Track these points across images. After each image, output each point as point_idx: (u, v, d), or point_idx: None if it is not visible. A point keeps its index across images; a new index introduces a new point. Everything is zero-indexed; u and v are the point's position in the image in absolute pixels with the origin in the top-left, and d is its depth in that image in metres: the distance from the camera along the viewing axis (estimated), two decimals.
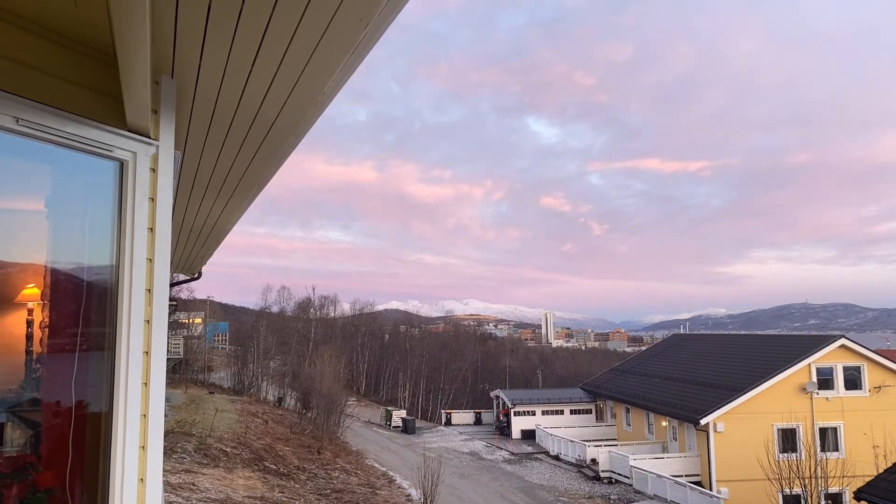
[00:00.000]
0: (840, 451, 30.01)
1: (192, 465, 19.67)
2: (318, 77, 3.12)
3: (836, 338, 32.37)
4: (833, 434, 30.96)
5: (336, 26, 2.63)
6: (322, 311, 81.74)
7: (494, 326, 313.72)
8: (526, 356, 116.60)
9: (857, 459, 27.10)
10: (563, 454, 37.21)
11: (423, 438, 44.07)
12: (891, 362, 32.55)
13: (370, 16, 2.58)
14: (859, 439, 29.67)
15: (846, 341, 32.06)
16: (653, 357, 46.33)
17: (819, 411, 30.81)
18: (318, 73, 3.08)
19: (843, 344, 31.79)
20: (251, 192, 5.54)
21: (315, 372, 39.23)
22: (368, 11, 2.55)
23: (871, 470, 21.80)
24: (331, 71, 3.05)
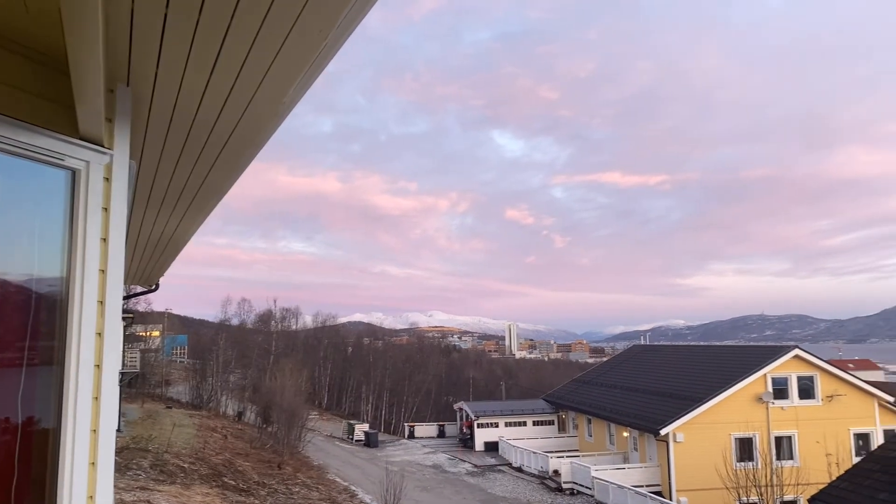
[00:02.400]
0: (795, 459, 30.68)
1: (148, 481, 19.17)
2: (278, 87, 3.11)
3: (791, 348, 33.16)
4: (788, 443, 31.65)
5: (295, 37, 2.63)
6: (283, 324, 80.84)
7: (459, 338, 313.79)
8: (490, 368, 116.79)
9: (810, 467, 27.74)
10: (526, 466, 37.30)
11: (385, 452, 43.73)
12: (842, 372, 33.49)
13: (330, 27, 2.59)
14: (813, 447, 30.37)
15: (800, 352, 32.87)
16: (614, 368, 46.84)
17: (774, 420, 31.49)
18: (277, 84, 3.07)
19: (797, 354, 32.58)
20: (210, 203, 5.47)
21: (276, 385, 38.67)
22: (328, 23, 2.55)
23: (825, 477, 22.32)
24: (290, 81, 3.05)
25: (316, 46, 2.71)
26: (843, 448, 28.97)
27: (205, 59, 2.81)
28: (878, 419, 32.45)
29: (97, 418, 2.93)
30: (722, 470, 25.53)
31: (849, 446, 30.87)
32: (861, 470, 19.85)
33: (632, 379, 40.94)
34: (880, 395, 32.99)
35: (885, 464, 18.92)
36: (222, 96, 3.20)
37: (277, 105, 3.31)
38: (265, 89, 3.11)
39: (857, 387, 32.84)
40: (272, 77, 2.99)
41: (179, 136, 3.75)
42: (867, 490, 18.53)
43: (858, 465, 20.59)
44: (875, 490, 18.30)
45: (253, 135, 3.75)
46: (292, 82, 3.05)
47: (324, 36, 2.63)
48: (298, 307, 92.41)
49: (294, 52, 2.74)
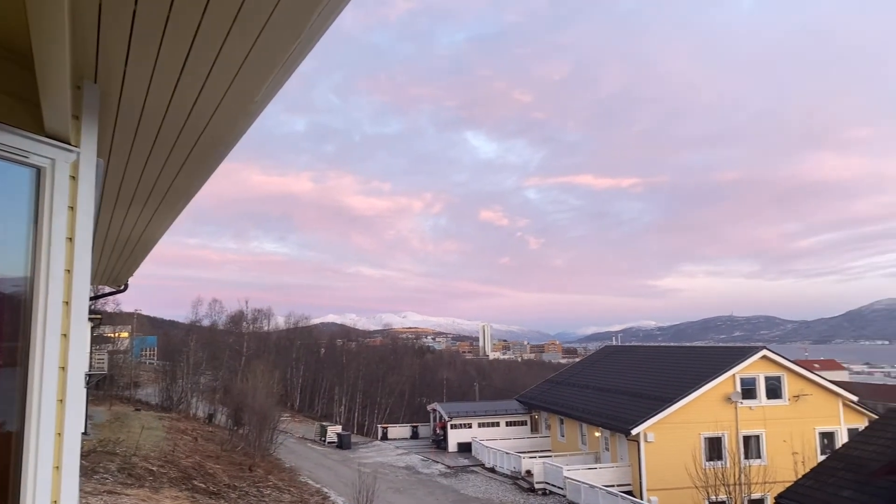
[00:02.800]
0: (762, 458, 31.20)
1: (115, 485, 18.84)
2: (250, 86, 3.08)
3: (759, 349, 33.73)
4: (756, 442, 32.18)
5: (268, 36, 2.60)
6: (255, 325, 79.94)
7: (433, 339, 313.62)
8: (464, 369, 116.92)
9: (777, 466, 28.24)
10: (499, 466, 37.40)
11: (358, 454, 43.53)
12: (808, 372, 34.16)
13: (303, 26, 2.56)
14: (780, 446, 30.93)
15: (768, 352, 33.45)
16: (586, 369, 47.21)
17: (743, 420, 32.00)
18: (249, 82, 3.04)
19: (765, 355, 33.15)
20: (180, 202, 5.39)
21: (247, 387, 38.26)
22: (301, 22, 2.53)
23: (791, 476, 22.73)
24: (263, 80, 3.02)
25: (289, 45, 2.68)
26: (808, 447, 29.53)
27: (175, 56, 2.77)
28: (842, 418, 33.16)
29: (62, 421, 2.87)
30: (692, 469, 25.88)
31: (814, 445, 31.50)
32: (826, 468, 20.26)
33: (604, 379, 41.30)
34: (844, 394, 33.72)
35: (849, 462, 19.34)
36: (193, 94, 3.16)
37: (249, 104, 3.28)
38: (237, 88, 3.07)
39: (823, 387, 33.53)
40: (244, 75, 2.96)
41: (149, 135, 3.69)
42: (832, 488, 18.91)
43: (823, 464, 21.01)
44: (839, 488, 18.69)
45: (224, 134, 3.70)
46: (265, 81, 3.02)
47: (297, 34, 2.60)
48: (271, 308, 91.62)
49: (266, 51, 2.72)
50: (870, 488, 17.67)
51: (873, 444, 19.24)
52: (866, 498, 17.58)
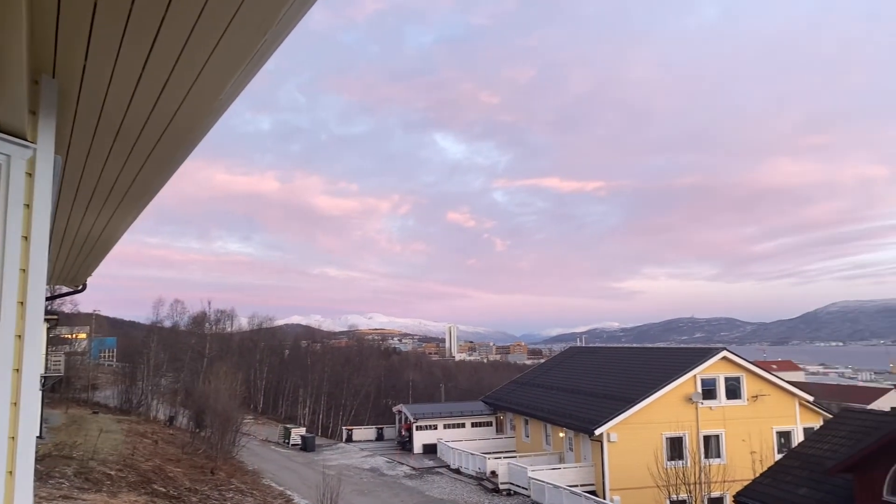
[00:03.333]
0: (722, 457, 31.80)
1: (72, 490, 18.37)
2: (215, 83, 3.03)
3: (719, 350, 34.39)
4: (716, 441, 32.79)
5: (233, 33, 2.56)
6: (218, 326, 78.83)
7: (399, 341, 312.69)
8: (430, 370, 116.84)
9: (736, 465, 28.82)
10: (464, 467, 37.46)
11: (323, 456, 43.18)
12: (766, 373, 34.94)
13: (269, 23, 2.54)
14: (739, 446, 31.55)
15: (728, 354, 34.11)
16: (550, 369, 47.58)
17: (703, 420, 32.57)
18: (214, 79, 2.99)
19: (724, 356, 33.79)
20: (142, 200, 5.29)
21: (210, 389, 37.68)
22: (268, 19, 2.51)
23: (749, 474, 23.22)
24: (227, 78, 2.98)
25: (255, 42, 2.65)
26: (766, 446, 30.15)
27: (137, 51, 2.72)
28: (798, 418, 33.99)
29: (16, 425, 2.79)
30: (653, 468, 26.23)
31: (772, 444, 32.21)
32: (782, 466, 20.76)
33: (568, 380, 41.68)
34: (801, 394, 34.58)
35: (805, 460, 19.84)
36: (156, 91, 3.10)
37: (214, 101, 3.23)
38: (201, 85, 3.03)
39: (780, 387, 34.32)
40: (208, 72, 2.91)
41: (109, 131, 3.61)
42: (788, 485, 19.38)
43: (780, 462, 21.53)
44: (795, 486, 19.15)
45: (188, 131, 3.64)
46: (230, 78, 2.98)
47: (263, 32, 2.57)
48: (234, 309, 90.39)
49: (232, 48, 2.68)
50: (825, 486, 18.16)
51: (828, 442, 19.77)
52: (821, 495, 18.05)
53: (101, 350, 78.81)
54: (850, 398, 68.79)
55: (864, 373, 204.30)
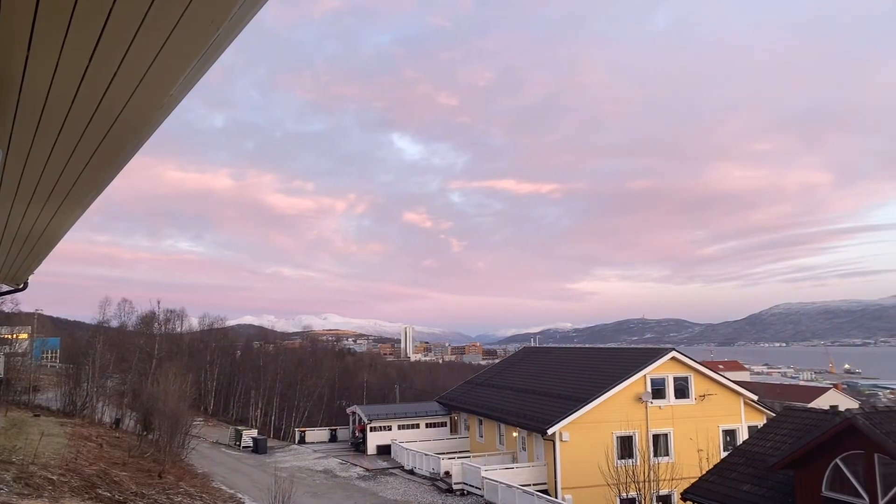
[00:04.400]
0: (670, 455, 32.49)
1: (11, 496, 17.71)
2: (165, 78, 2.97)
3: (668, 351, 35.16)
4: (664, 440, 33.51)
5: (184, 28, 2.52)
6: (168, 326, 77.01)
7: (353, 341, 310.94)
8: (384, 371, 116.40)
9: (684, 462, 29.47)
10: (418, 468, 37.44)
11: (275, 458, 42.60)
12: (713, 373, 35.89)
13: (222, 18, 2.50)
14: (686, 444, 32.29)
15: (676, 354, 34.91)
16: (505, 370, 47.93)
17: (653, 419, 33.26)
18: (164, 74, 2.93)
19: (673, 356, 34.58)
20: (88, 197, 5.14)
21: (158, 391, 36.78)
22: (221, 14, 2.47)
23: (696, 472, 23.79)
24: (179, 72, 2.92)
25: (207, 38, 2.61)
26: (712, 444, 30.95)
27: (84, 42, 2.64)
28: (743, 416, 35.00)
29: None
30: (604, 467, 26.66)
31: (718, 442, 33.12)
32: (728, 464, 21.36)
33: (522, 380, 42.04)
34: (746, 393, 35.62)
35: (749, 457, 20.44)
36: (103, 84, 3.02)
37: (164, 96, 3.17)
38: (151, 79, 2.96)
39: (726, 386, 35.28)
40: (159, 66, 2.85)
41: (54, 124, 3.51)
42: (732, 482, 19.94)
43: (726, 460, 22.14)
44: (739, 482, 19.72)
45: (137, 127, 3.56)
46: (181, 73, 2.92)
47: (216, 27, 2.54)
48: (184, 309, 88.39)
49: (183, 42, 2.63)
50: (767, 482, 18.75)
51: (771, 440, 20.42)
52: (763, 490, 18.64)
53: (43, 351, 76.19)
54: (792, 397, 71.20)
55: (805, 372, 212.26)
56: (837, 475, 16.48)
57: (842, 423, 16.12)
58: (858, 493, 15.84)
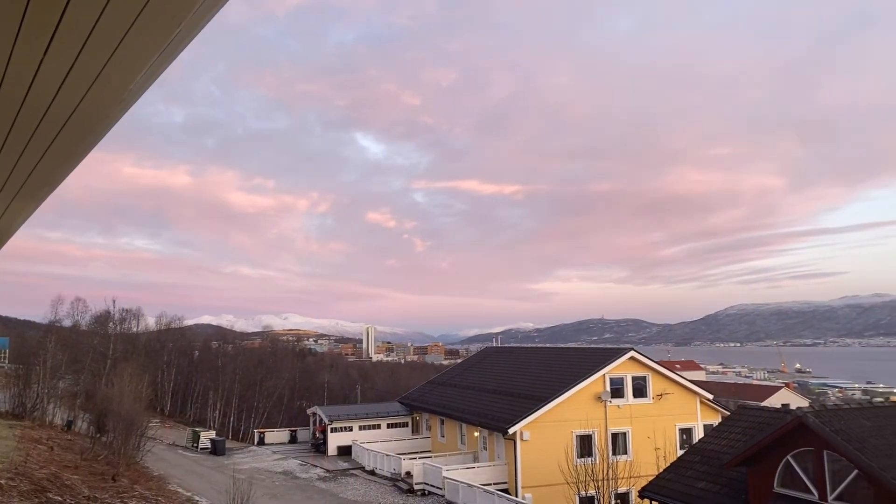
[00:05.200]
0: (628, 453, 33.01)
1: None
2: (124, 73, 2.91)
3: (627, 351, 35.71)
4: (623, 438, 34.01)
5: (145, 22, 2.47)
6: (123, 326, 75.14)
7: (314, 342, 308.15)
8: (346, 371, 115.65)
9: (642, 461, 29.97)
10: (379, 469, 37.30)
11: (233, 459, 41.97)
12: (670, 372, 36.57)
13: (185, 13, 2.45)
14: (644, 442, 32.85)
15: (635, 354, 35.48)
16: (467, 370, 48.07)
17: (612, 418, 33.73)
18: (123, 69, 2.86)
19: (632, 356, 35.13)
20: (41, 193, 5.00)
21: (113, 392, 35.92)
22: (184, 8, 2.42)
23: (654, 470, 24.20)
24: (138, 68, 2.86)
25: (169, 32, 2.56)
26: (669, 442, 31.52)
27: (39, 33, 2.57)
28: (699, 415, 35.76)
29: None
30: (564, 466, 26.93)
31: (675, 440, 33.73)
32: (684, 462, 21.78)
33: (484, 380, 42.22)
34: (702, 392, 36.39)
35: (704, 455, 20.88)
36: (59, 77, 2.94)
37: (123, 92, 3.10)
38: (109, 73, 2.89)
39: (683, 386, 36.00)
40: (118, 61, 2.78)
41: (6, 118, 3.40)
42: (688, 479, 20.34)
43: (682, 458, 22.57)
44: (695, 479, 20.13)
45: (94, 122, 3.47)
46: (141, 68, 2.86)
47: (178, 21, 2.49)
48: (141, 308, 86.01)
49: (144, 36, 2.58)
50: (722, 479, 19.17)
51: (725, 438, 20.89)
52: (718, 487, 19.06)
53: None
54: (746, 396, 72.92)
55: (759, 372, 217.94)
56: (789, 472, 16.95)
57: (793, 422, 16.57)
58: (808, 489, 16.32)
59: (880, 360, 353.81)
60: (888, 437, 15.83)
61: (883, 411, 17.59)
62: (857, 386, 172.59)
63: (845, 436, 15.44)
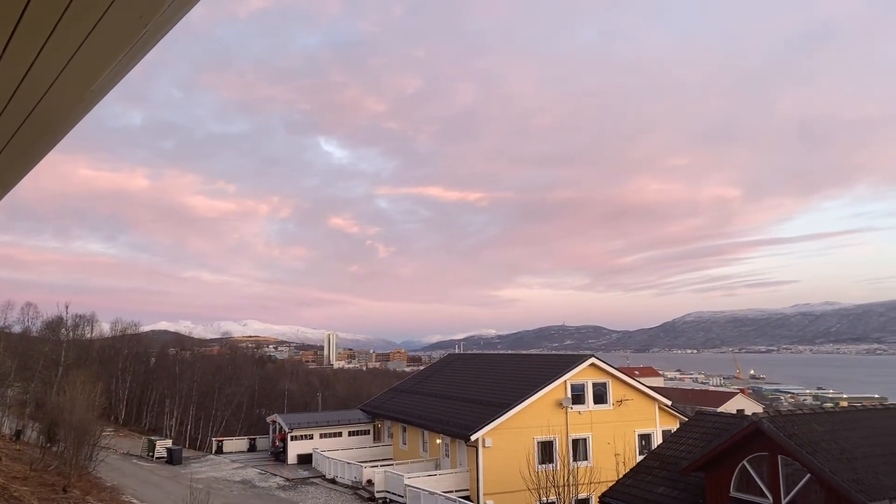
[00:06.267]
0: (589, 459, 33.30)
1: None
2: (87, 73, 2.83)
3: (588, 357, 36.08)
4: (583, 444, 34.32)
5: (110, 21, 2.40)
6: (76, 332, 73.08)
7: (275, 348, 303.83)
8: (307, 379, 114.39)
9: (602, 466, 30.27)
10: (340, 477, 36.94)
11: (190, 469, 41.10)
12: (630, 379, 37.07)
13: (151, 15, 2.40)
14: (604, 448, 33.18)
15: (596, 360, 35.87)
16: (429, 376, 47.99)
17: (572, 424, 34.03)
18: (86, 69, 2.79)
19: (593, 363, 35.51)
20: None
21: (64, 400, 34.86)
22: (150, 10, 2.37)
23: (613, 476, 24.47)
24: (101, 68, 2.78)
25: (135, 33, 2.50)
26: (629, 448, 31.89)
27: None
28: (658, 421, 36.30)
29: None
30: (525, 472, 27.05)
31: (634, 446, 34.13)
32: (643, 467, 22.08)
33: (446, 387, 42.19)
34: (660, 398, 36.97)
35: (663, 461, 21.19)
36: (17, 75, 2.84)
37: (84, 92, 3.01)
38: (71, 73, 2.81)
39: (642, 392, 36.51)
40: (81, 61, 2.71)
41: None
42: (647, 485, 20.62)
43: (641, 463, 22.89)
44: (654, 484, 20.41)
45: (52, 123, 3.37)
46: (104, 69, 2.79)
47: (144, 22, 2.43)
48: (95, 314, 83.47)
49: (109, 36, 2.51)
50: (680, 484, 19.48)
51: (684, 443, 21.24)
52: (676, 492, 19.36)
53: None
54: (703, 402, 74.42)
55: (715, 378, 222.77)
56: (744, 476, 17.31)
57: (748, 427, 16.95)
58: (763, 493, 16.69)
59: (830, 366, 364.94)
60: (839, 441, 16.30)
61: (834, 416, 18.13)
62: (808, 391, 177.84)
63: (798, 441, 15.85)
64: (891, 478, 15.46)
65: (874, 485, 14.95)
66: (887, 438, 17.33)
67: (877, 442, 16.99)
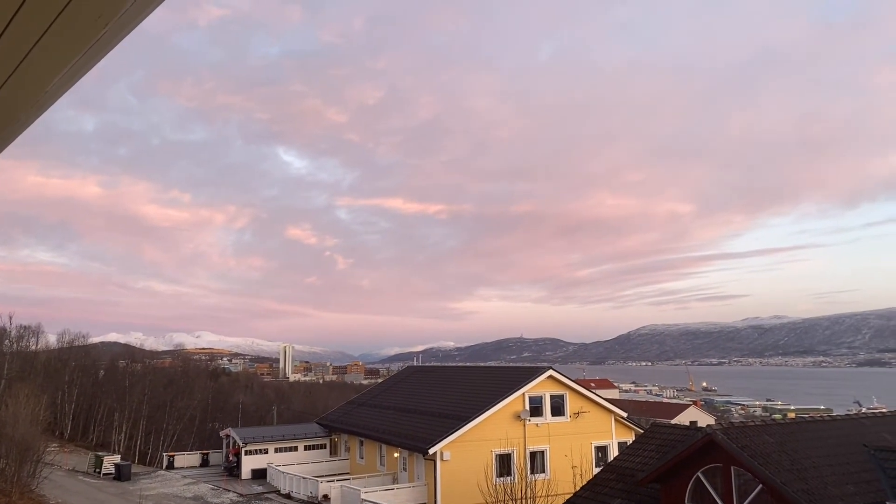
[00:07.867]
0: (546, 472, 33.40)
1: None
2: (40, 75, 2.71)
3: (546, 370, 36.30)
4: (541, 457, 34.43)
5: (68, 20, 2.30)
6: (20, 344, 70.55)
7: (229, 361, 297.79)
8: (262, 392, 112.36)
9: (559, 479, 30.36)
10: (295, 492, 36.31)
11: (139, 485, 39.88)
12: (587, 391, 37.41)
13: (111, 15, 2.31)
14: (562, 460, 33.36)
15: (553, 373, 36.11)
16: (388, 389, 47.65)
17: (530, 436, 34.13)
18: (39, 71, 2.67)
19: (551, 375, 35.74)
20: None
21: (6, 415, 33.54)
22: (110, 10, 2.28)
23: (571, 488, 24.61)
24: (57, 69, 2.67)
25: (93, 33, 2.40)
26: (586, 460, 32.16)
27: None
28: (614, 433, 36.68)
29: None
30: (483, 485, 26.96)
31: (591, 458, 34.46)
32: (600, 479, 22.23)
33: (404, 400, 41.93)
34: (617, 411, 37.38)
35: (619, 473, 21.37)
36: None
37: (38, 94, 2.88)
38: (24, 73, 2.69)
39: (599, 404, 36.88)
40: (33, 62, 2.59)
41: None
42: (604, 497, 20.76)
43: (598, 476, 23.04)
44: (610, 497, 20.56)
45: (2, 126, 3.22)
46: (60, 70, 2.67)
47: (104, 22, 2.34)
48: (41, 324, 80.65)
49: (66, 35, 2.41)
50: (636, 496, 19.66)
51: (640, 455, 21.47)
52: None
53: None
54: (658, 413, 75.47)
55: (669, 390, 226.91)
56: (699, 488, 17.56)
57: (703, 439, 17.22)
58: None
59: (779, 378, 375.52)
60: (790, 452, 16.69)
61: (784, 428, 18.56)
62: (757, 403, 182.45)
63: (751, 452, 16.17)
64: (838, 487, 15.89)
65: (823, 495, 15.33)
66: (834, 449, 17.83)
67: (824, 453, 17.46)
